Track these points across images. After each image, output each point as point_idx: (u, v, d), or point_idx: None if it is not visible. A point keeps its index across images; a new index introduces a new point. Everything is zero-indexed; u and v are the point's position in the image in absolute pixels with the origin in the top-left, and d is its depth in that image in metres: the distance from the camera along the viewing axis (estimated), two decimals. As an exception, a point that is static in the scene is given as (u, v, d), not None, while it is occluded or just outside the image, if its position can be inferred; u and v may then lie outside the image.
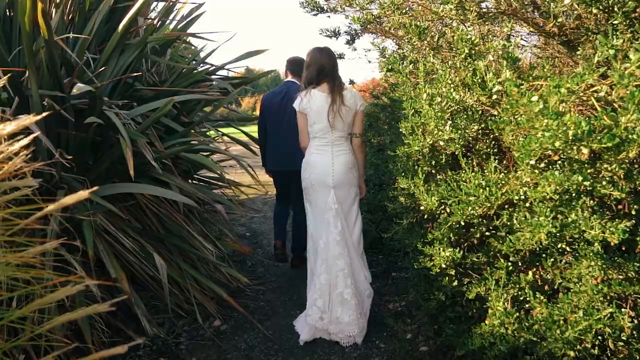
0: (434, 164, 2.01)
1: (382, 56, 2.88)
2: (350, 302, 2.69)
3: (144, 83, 3.23)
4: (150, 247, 2.72)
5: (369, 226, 4.01)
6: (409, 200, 2.15)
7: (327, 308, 2.73)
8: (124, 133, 2.34)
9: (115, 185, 2.56)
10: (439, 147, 1.96)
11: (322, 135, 2.81)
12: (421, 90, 1.91)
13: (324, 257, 2.77)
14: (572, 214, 1.50)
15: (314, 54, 2.81)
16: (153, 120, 2.40)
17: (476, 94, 1.75)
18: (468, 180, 1.76)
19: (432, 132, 1.89)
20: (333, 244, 2.74)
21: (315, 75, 2.79)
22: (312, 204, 2.89)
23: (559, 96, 1.31)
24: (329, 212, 2.78)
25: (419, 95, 1.91)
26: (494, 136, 1.92)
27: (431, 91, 1.89)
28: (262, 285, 3.51)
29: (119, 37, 2.63)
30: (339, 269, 2.73)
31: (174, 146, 2.94)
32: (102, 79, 2.77)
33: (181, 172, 3.35)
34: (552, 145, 1.32)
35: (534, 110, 1.26)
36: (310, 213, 2.92)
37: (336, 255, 2.74)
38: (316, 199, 2.84)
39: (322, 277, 2.75)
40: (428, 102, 1.89)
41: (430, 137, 1.91)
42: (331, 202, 2.78)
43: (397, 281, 3.43)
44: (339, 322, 2.69)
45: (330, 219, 2.77)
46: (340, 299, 2.70)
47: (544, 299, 1.64)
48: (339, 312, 2.70)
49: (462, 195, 1.69)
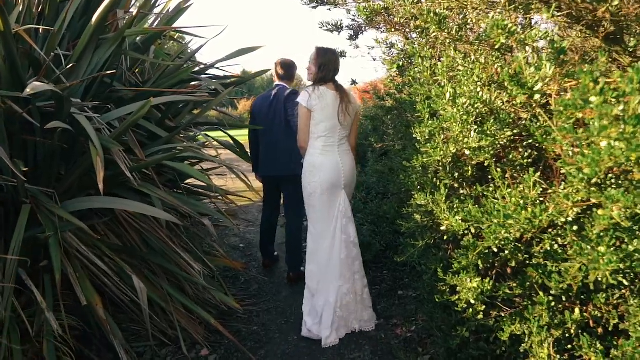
0: (457, 176, 1.71)
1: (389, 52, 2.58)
2: (367, 300, 2.86)
3: (125, 83, 2.91)
4: (128, 267, 2.40)
5: (372, 239, 3.71)
6: (426, 218, 1.83)
7: (352, 314, 2.79)
8: (95, 140, 2.03)
9: (85, 199, 2.24)
10: (464, 157, 1.65)
11: (329, 135, 2.77)
12: (444, 89, 1.60)
13: (335, 263, 2.76)
14: (634, 243, 1.20)
15: (330, 54, 2.82)
16: (128, 125, 2.09)
17: (513, 92, 1.44)
18: (502, 198, 1.45)
19: (456, 139, 1.58)
20: (349, 246, 2.79)
21: (331, 75, 2.80)
22: (317, 209, 2.83)
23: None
24: (339, 214, 2.79)
25: (441, 96, 1.60)
26: (530, 144, 1.61)
27: (456, 90, 1.58)
28: (256, 306, 3.19)
29: (93, 30, 2.32)
30: (356, 270, 2.80)
31: (157, 153, 2.62)
32: (75, 77, 2.46)
33: (166, 181, 3.04)
34: (626, 158, 1.02)
35: (611, 114, 0.96)
36: (315, 219, 2.85)
37: (353, 257, 2.80)
38: (323, 202, 2.80)
39: (345, 287, 2.76)
40: (451, 104, 1.59)
41: (453, 145, 1.61)
42: (342, 204, 2.81)
43: (404, 301, 3.12)
44: (364, 321, 2.82)
45: (338, 223, 2.79)
46: (361, 298, 2.82)
47: (599, 346, 1.33)
48: (361, 314, 2.82)
49: (497, 216, 1.38)
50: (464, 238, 1.63)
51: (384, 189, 3.64)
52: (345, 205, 2.82)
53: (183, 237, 2.91)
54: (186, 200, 2.83)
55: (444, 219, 1.65)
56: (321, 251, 2.81)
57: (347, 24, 2.84)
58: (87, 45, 2.36)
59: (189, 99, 2.77)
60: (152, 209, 2.18)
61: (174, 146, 2.63)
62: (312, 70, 2.89)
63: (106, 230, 2.72)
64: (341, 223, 2.79)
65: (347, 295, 2.76)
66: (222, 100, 4.32)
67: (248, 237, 4.84)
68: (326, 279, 2.79)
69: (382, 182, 4.05)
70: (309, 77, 2.99)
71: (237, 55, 3.20)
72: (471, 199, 1.65)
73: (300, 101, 2.76)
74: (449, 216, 1.61)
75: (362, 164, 5.09)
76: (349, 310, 2.78)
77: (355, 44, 3.53)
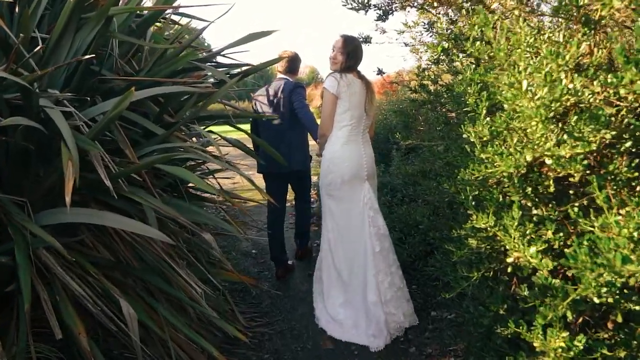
0: (528, 192, 1.28)
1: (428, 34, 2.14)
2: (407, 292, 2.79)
3: (120, 72, 2.53)
4: (116, 289, 2.02)
5: (399, 247, 3.30)
6: (484, 244, 1.41)
7: (394, 309, 2.65)
8: (69, 139, 1.65)
9: (57, 211, 1.87)
10: (545, 167, 1.23)
11: (355, 124, 2.73)
12: (520, 75, 1.17)
13: (369, 258, 2.65)
14: None
15: (357, 41, 2.79)
16: (107, 121, 1.70)
17: (628, 75, 1.01)
18: (609, 228, 1.02)
19: (536, 144, 1.16)
20: (381, 238, 2.70)
21: (358, 63, 2.79)
22: (337, 200, 2.76)
23: None
24: (364, 206, 2.72)
25: (516, 84, 1.17)
26: (636, 150, 1.18)
27: (535, 77, 1.15)
28: (267, 326, 2.80)
29: (73, 7, 1.93)
30: (391, 262, 2.72)
31: (153, 153, 2.24)
32: (55, 62, 2.09)
33: (166, 185, 2.66)
34: None
35: None
36: (334, 209, 2.78)
37: (387, 249, 2.72)
38: (344, 194, 2.74)
39: (386, 281, 2.66)
40: (530, 95, 1.16)
41: (530, 152, 1.18)
42: (367, 196, 2.74)
43: (439, 325, 2.70)
44: (405, 315, 2.69)
45: (365, 215, 2.71)
46: (402, 292, 2.73)
47: None
48: (406, 307, 2.73)
49: (608, 258, 0.96)
50: (539, 272, 1.21)
51: (413, 192, 3.21)
52: (370, 196, 2.76)
53: (184, 249, 2.53)
54: (187, 207, 2.44)
55: (513, 249, 1.23)
56: (347, 244, 2.75)
57: (374, 2, 2.41)
58: (66, 26, 1.98)
59: (190, 90, 2.38)
60: (140, 225, 1.80)
61: (172, 146, 2.24)
62: (338, 59, 2.78)
63: (95, 243, 2.35)
64: (368, 215, 2.72)
65: (389, 289, 2.67)
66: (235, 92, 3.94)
67: (261, 241, 4.45)
68: (358, 276, 2.70)
69: (409, 184, 3.63)
70: (332, 66, 2.84)
71: (247, 40, 2.78)
72: (551, 222, 1.22)
73: (328, 87, 2.70)
74: (523, 247, 1.19)
75: (386, 163, 4.67)
76: (396, 305, 2.68)
77: (382, 28, 3.11)
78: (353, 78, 2.71)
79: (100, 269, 2.15)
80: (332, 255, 2.80)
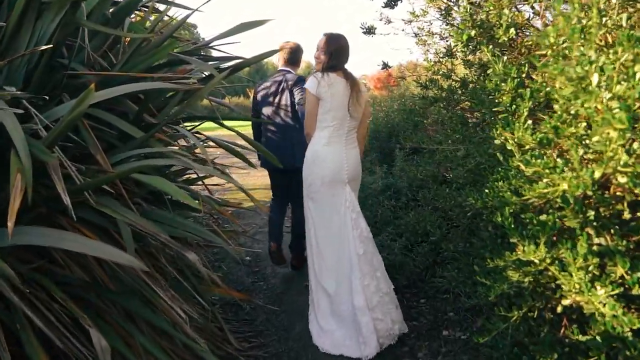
0: (594, 220, 1.01)
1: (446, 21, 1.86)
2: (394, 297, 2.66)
3: (96, 66, 2.24)
4: (85, 317, 1.75)
5: (405, 257, 3.05)
6: (531, 279, 1.14)
7: (381, 315, 2.50)
8: (21, 147, 1.38)
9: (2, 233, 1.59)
10: (614, 187, 0.96)
11: (337, 125, 2.63)
12: (591, 67, 0.89)
13: (354, 261, 2.53)
14: None
15: (341, 40, 2.69)
16: (65, 125, 1.43)
17: None
18: None
19: (609, 156, 0.89)
20: (365, 241, 2.59)
21: (343, 63, 2.67)
22: (317, 203, 2.66)
23: None
24: (346, 210, 2.61)
25: (585, 79, 0.90)
26: None
27: (607, 69, 0.88)
28: (262, 349, 2.53)
29: (31, -10, 1.64)
30: (376, 266, 2.60)
31: (129, 159, 1.97)
32: (13, 54, 1.81)
33: (148, 192, 2.38)
34: None
35: None
36: (315, 214, 2.68)
37: (371, 252, 2.61)
38: (324, 197, 2.64)
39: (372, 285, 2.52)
40: (601, 94, 0.89)
41: (600, 167, 0.91)
42: (348, 199, 2.63)
43: (452, 347, 2.44)
44: (394, 322, 2.56)
45: (347, 218, 2.60)
46: (389, 298, 2.59)
47: None
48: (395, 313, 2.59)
49: None
50: (601, 317, 0.94)
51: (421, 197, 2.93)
52: (351, 199, 2.66)
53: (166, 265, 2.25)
54: (171, 218, 2.17)
55: (572, 291, 0.96)
56: (329, 248, 2.63)
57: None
58: (24, 12, 1.70)
59: (172, 86, 2.10)
60: (106, 249, 1.52)
61: (151, 151, 1.96)
62: (320, 58, 2.70)
63: (68, 262, 2.07)
64: (350, 217, 2.62)
65: (375, 294, 2.54)
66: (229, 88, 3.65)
67: (255, 247, 4.18)
68: (342, 285, 2.57)
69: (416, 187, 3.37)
70: (316, 66, 2.79)
71: (238, 30, 2.49)
72: (622, 256, 0.96)
73: (308, 87, 2.61)
74: (586, 288, 0.93)
75: (388, 163, 4.39)
76: (383, 311, 2.54)
77: (387, 17, 2.84)
78: (336, 78, 2.60)
79: (74, 290, 1.89)
80: (315, 267, 2.68)
